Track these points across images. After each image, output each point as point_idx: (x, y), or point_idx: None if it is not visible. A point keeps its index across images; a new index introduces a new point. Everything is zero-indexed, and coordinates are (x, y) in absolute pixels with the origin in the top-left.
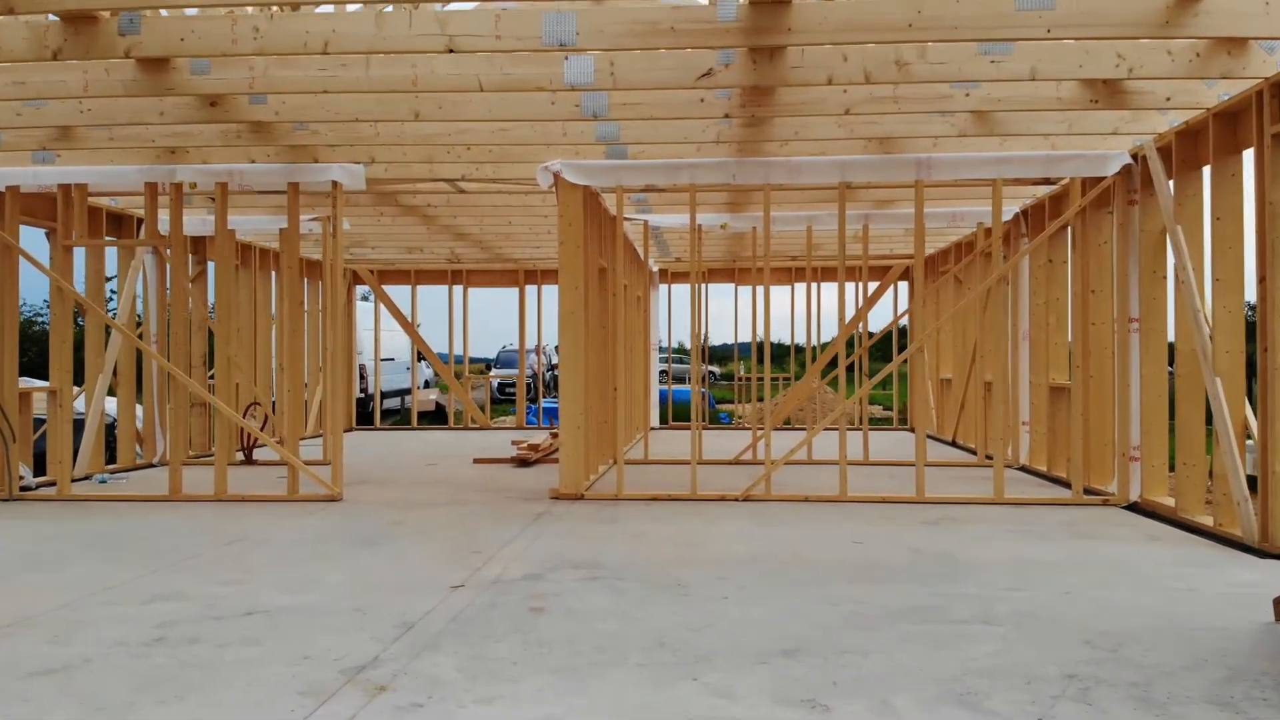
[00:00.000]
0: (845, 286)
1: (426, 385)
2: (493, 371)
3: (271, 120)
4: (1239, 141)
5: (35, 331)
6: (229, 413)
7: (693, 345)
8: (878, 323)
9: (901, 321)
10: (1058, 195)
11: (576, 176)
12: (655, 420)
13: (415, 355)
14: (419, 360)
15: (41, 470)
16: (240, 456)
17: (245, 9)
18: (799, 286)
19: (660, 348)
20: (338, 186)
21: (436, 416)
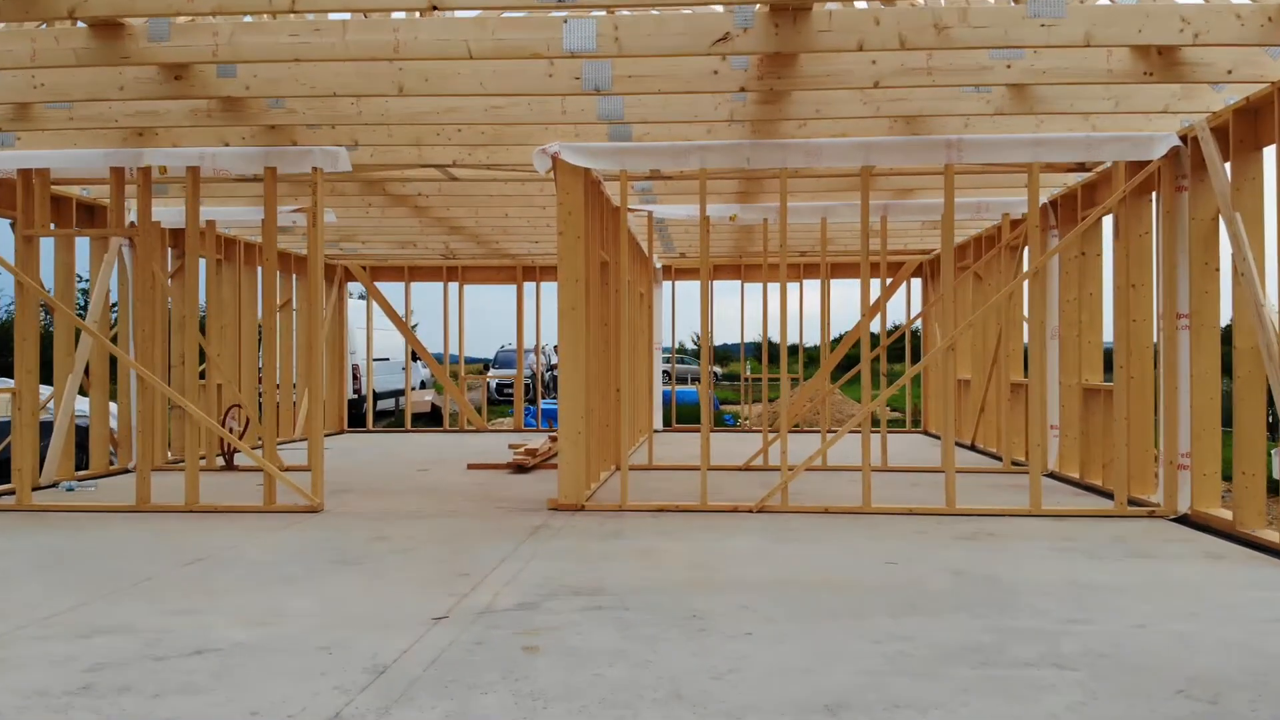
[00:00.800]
0: (869, 282)
1: (422, 386)
2: (490, 372)
3: (243, 95)
4: None
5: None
6: (200, 416)
7: (702, 345)
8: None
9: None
10: (1091, 183)
11: (577, 159)
12: (658, 422)
13: (410, 355)
14: (414, 360)
15: (5, 478)
16: (221, 462)
17: None
18: (809, 284)
19: (663, 347)
20: (318, 172)
21: (432, 418)
